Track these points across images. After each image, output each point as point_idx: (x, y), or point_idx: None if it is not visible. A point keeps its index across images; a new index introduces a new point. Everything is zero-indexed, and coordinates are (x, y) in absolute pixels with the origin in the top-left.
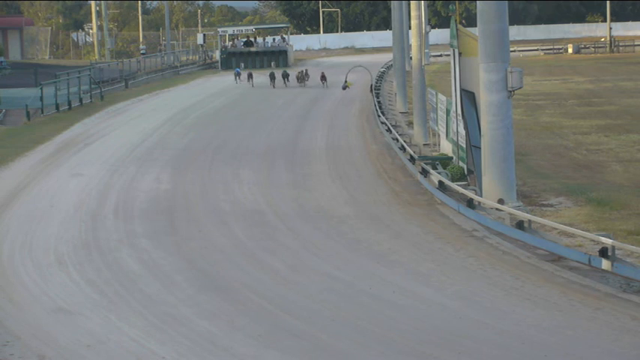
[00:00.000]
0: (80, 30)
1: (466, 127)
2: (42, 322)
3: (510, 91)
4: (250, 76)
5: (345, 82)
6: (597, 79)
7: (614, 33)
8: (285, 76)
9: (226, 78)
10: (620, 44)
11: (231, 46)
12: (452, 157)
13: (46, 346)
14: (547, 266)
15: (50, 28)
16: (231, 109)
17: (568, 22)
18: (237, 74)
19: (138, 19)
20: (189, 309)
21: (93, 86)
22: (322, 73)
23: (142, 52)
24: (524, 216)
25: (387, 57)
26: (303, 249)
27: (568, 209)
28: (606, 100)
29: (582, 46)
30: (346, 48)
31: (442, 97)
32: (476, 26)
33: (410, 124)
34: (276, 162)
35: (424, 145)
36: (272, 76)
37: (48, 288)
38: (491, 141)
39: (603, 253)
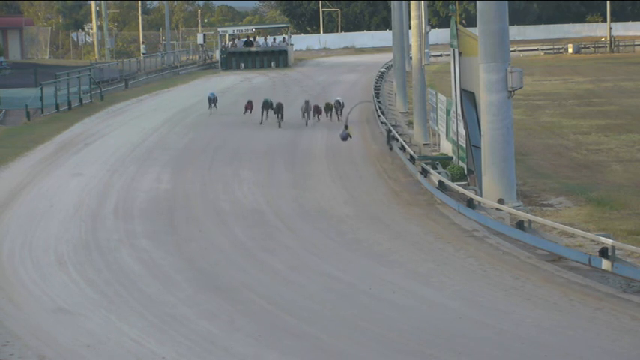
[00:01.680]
0: (80, 30)
1: (466, 127)
2: (42, 322)
3: (510, 91)
4: (262, 108)
5: (346, 128)
6: (597, 79)
7: (614, 33)
8: (279, 109)
9: (226, 78)
10: (620, 44)
11: (232, 46)
12: (452, 157)
13: (46, 346)
14: (547, 266)
15: (50, 28)
16: (231, 110)
17: (568, 22)
18: (212, 100)
19: (138, 19)
20: (189, 309)
21: (93, 86)
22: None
23: (143, 52)
24: (524, 216)
25: (387, 57)
26: (303, 249)
27: (568, 209)
28: (606, 100)
29: (582, 46)
30: (346, 48)
31: (442, 97)
32: (476, 26)
33: (410, 124)
34: (276, 162)
35: (424, 145)
36: (265, 107)
37: (48, 288)
38: (491, 141)
39: (603, 253)
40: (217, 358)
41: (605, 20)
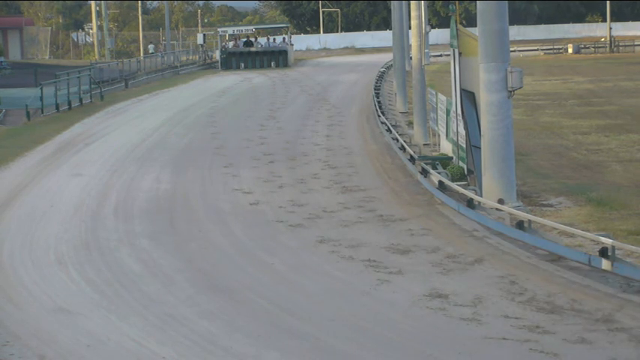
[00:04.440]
0: (80, 30)
1: (466, 127)
2: (42, 322)
3: (510, 91)
4: None
5: None
6: (597, 79)
7: (614, 33)
8: None
9: (226, 78)
10: (620, 44)
11: (233, 45)
12: (452, 157)
13: (46, 346)
14: (547, 266)
15: (50, 28)
16: (231, 110)
17: (568, 22)
18: None
19: (138, 19)
20: (189, 309)
21: (93, 86)
22: None
23: (151, 52)
24: (524, 216)
25: (387, 57)
26: (303, 249)
27: (568, 209)
28: (606, 100)
29: (582, 46)
30: (346, 48)
31: (442, 97)
32: (476, 26)
33: (410, 124)
34: (276, 162)
35: (424, 145)
36: None
37: (48, 288)
38: (492, 141)
39: (603, 253)
40: (217, 358)
41: (605, 20)
